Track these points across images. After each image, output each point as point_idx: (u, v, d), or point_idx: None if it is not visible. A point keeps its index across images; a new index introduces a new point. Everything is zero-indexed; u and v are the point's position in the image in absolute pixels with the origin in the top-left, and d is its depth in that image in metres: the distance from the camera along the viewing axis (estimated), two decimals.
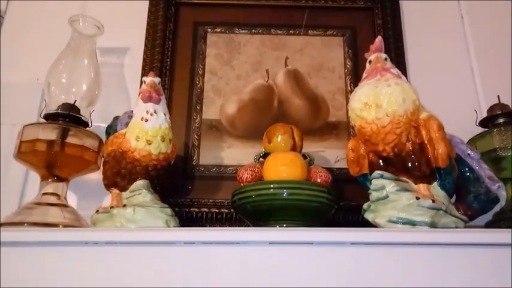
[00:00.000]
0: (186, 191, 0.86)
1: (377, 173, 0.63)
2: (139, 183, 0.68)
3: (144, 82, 0.71)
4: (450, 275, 0.53)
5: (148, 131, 0.68)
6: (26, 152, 0.72)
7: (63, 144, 0.73)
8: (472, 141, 0.80)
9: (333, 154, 0.90)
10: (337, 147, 0.90)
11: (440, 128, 0.63)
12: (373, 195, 0.63)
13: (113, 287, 0.54)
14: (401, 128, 0.63)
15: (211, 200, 0.85)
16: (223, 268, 0.55)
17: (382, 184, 0.62)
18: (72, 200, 0.85)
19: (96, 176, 0.87)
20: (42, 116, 0.78)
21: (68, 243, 0.55)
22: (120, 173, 0.69)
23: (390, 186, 0.61)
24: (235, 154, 0.89)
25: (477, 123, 0.83)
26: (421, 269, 0.54)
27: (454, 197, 0.68)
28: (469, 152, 0.70)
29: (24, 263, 0.55)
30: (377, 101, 0.64)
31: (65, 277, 0.54)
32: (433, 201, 0.60)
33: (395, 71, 0.68)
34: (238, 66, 0.96)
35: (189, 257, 0.55)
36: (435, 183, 0.64)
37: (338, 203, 0.69)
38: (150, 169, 0.69)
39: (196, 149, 0.89)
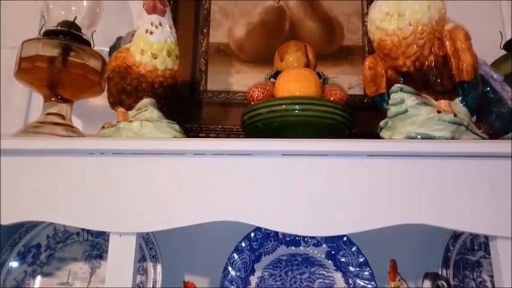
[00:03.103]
0: (194, 117, 0.83)
1: (397, 86, 0.60)
2: (146, 100, 0.65)
3: None
4: (467, 185, 0.51)
5: (153, 44, 0.64)
6: (26, 69, 0.69)
7: (65, 61, 0.69)
8: (496, 64, 0.76)
9: (346, 80, 0.86)
10: (351, 73, 0.86)
11: (467, 37, 0.58)
12: (392, 110, 0.60)
13: (118, 198, 0.53)
14: (424, 38, 0.58)
15: (219, 126, 0.82)
16: (234, 180, 0.53)
17: (401, 98, 0.59)
18: (77, 126, 0.83)
19: (101, 102, 0.85)
20: (41, 34, 0.74)
21: (72, 151, 0.53)
22: (125, 90, 0.66)
23: (410, 100, 0.58)
24: (244, 80, 0.85)
25: (501, 46, 0.78)
26: (440, 179, 0.52)
27: (475, 117, 0.66)
28: (492, 73, 0.68)
29: (29, 171, 0.54)
30: (399, 10, 0.59)
31: (69, 186, 0.53)
32: (455, 115, 0.57)
33: None
34: None
35: (199, 168, 0.53)
36: (457, 100, 0.61)
37: (353, 123, 0.66)
38: (157, 86, 0.66)
39: (204, 74, 0.86)
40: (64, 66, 0.69)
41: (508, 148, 0.51)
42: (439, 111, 0.57)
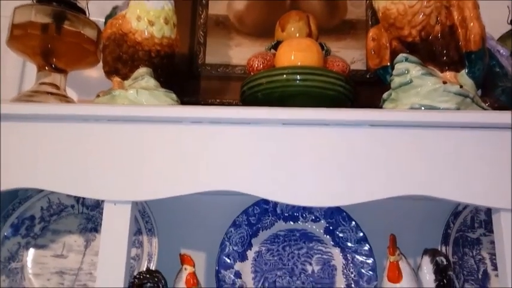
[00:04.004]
0: (192, 90, 0.81)
1: (402, 55, 0.58)
2: (142, 69, 0.64)
3: None
4: (470, 157, 0.50)
5: (150, 10, 0.62)
6: (18, 36, 0.66)
7: (58, 29, 0.67)
8: (503, 39, 0.75)
9: (349, 55, 0.83)
10: (354, 47, 0.84)
11: (476, 6, 0.56)
12: (395, 81, 0.58)
13: (113, 165, 0.51)
14: (431, 7, 0.56)
15: (218, 100, 0.80)
16: (232, 149, 0.51)
17: (406, 68, 0.57)
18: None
19: (96, 74, 0.83)
20: (34, 1, 0.71)
21: (67, 117, 0.52)
22: (121, 58, 0.64)
23: (415, 70, 0.56)
24: (243, 53, 0.83)
25: (508, 21, 0.76)
26: (444, 151, 0.50)
27: (480, 91, 0.64)
28: (499, 48, 0.66)
29: (23, 138, 0.52)
30: None
31: (63, 153, 0.52)
32: (461, 87, 0.55)
33: None
34: None
35: (196, 137, 0.52)
36: (463, 72, 0.59)
37: (354, 96, 0.65)
38: (153, 55, 0.64)
39: (202, 47, 0.83)
40: (58, 34, 0.67)
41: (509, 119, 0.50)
42: (444, 82, 0.55)
